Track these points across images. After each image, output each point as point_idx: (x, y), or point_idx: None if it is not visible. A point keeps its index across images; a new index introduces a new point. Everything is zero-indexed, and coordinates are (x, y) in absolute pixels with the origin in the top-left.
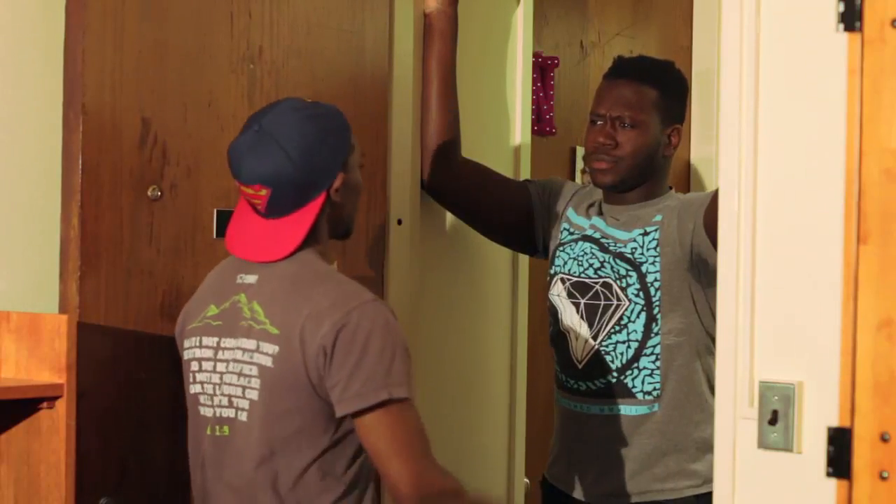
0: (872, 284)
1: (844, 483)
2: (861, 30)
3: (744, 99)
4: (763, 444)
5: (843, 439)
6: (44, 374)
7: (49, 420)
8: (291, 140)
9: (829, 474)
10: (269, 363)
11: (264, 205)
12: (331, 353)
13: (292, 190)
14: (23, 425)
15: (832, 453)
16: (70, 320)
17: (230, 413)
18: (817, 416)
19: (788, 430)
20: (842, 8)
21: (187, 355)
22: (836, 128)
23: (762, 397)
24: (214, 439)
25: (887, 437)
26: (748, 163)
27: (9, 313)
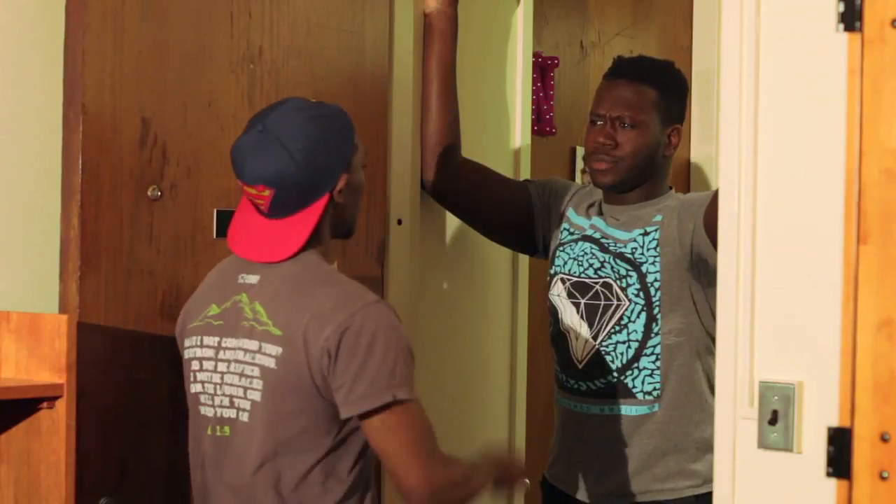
0: (872, 284)
1: (844, 483)
2: (861, 30)
3: (744, 99)
4: (763, 444)
5: (843, 439)
6: (44, 374)
7: (49, 420)
8: (295, 141)
9: (829, 474)
10: (271, 364)
11: (267, 205)
12: (335, 355)
13: (296, 191)
14: (23, 425)
15: (832, 453)
16: (70, 320)
17: (231, 413)
18: (817, 416)
19: (788, 430)
20: (842, 8)
21: (188, 354)
22: (836, 128)
23: (762, 397)
24: (215, 439)
25: (887, 437)
26: (748, 163)
27: (9, 313)
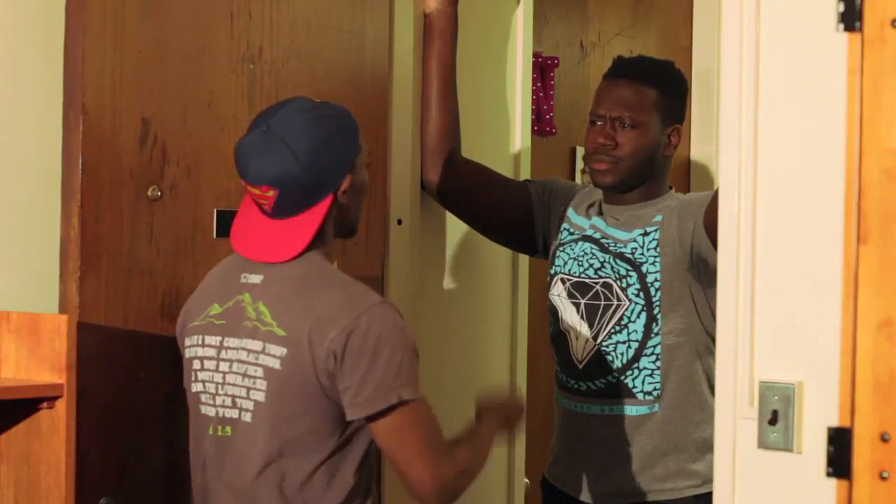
0: (872, 284)
1: (844, 483)
2: (861, 30)
3: (744, 99)
4: (763, 444)
5: (843, 439)
6: (44, 374)
7: (49, 420)
8: (300, 142)
9: (829, 474)
10: (276, 365)
11: (271, 205)
12: (341, 357)
13: (300, 192)
14: (23, 425)
15: (832, 453)
16: (70, 320)
17: (233, 414)
18: (817, 416)
19: (788, 430)
20: (842, 8)
21: (189, 353)
22: (836, 128)
23: (762, 397)
24: (216, 439)
25: (887, 437)
26: (748, 163)
27: (9, 313)
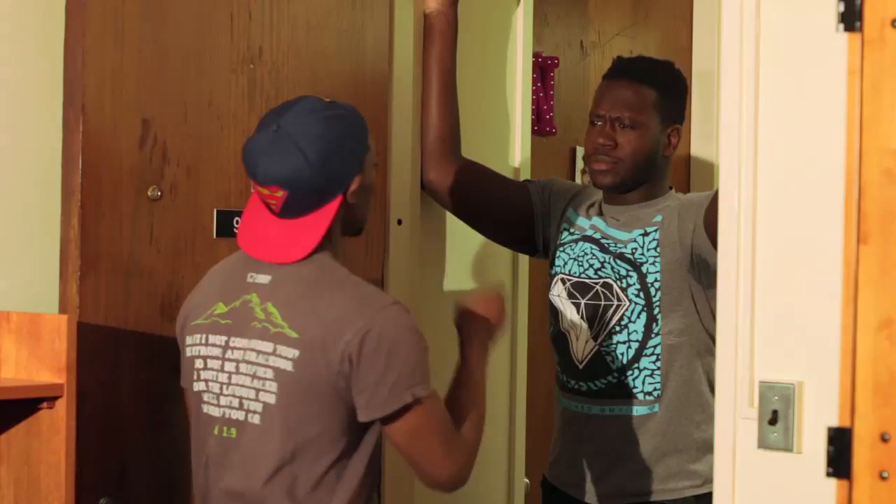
0: (872, 284)
1: (844, 483)
2: (861, 30)
3: (744, 99)
4: (763, 444)
5: (843, 439)
6: (44, 374)
7: (49, 420)
8: (311, 142)
9: (829, 474)
10: (288, 367)
11: (279, 206)
12: (357, 360)
13: (309, 193)
14: (23, 425)
15: (832, 453)
16: (70, 320)
17: (239, 415)
18: (817, 416)
19: (788, 430)
20: (842, 8)
21: (190, 352)
22: (836, 128)
23: (762, 397)
24: (221, 440)
25: (887, 437)
26: (748, 163)
27: (9, 313)
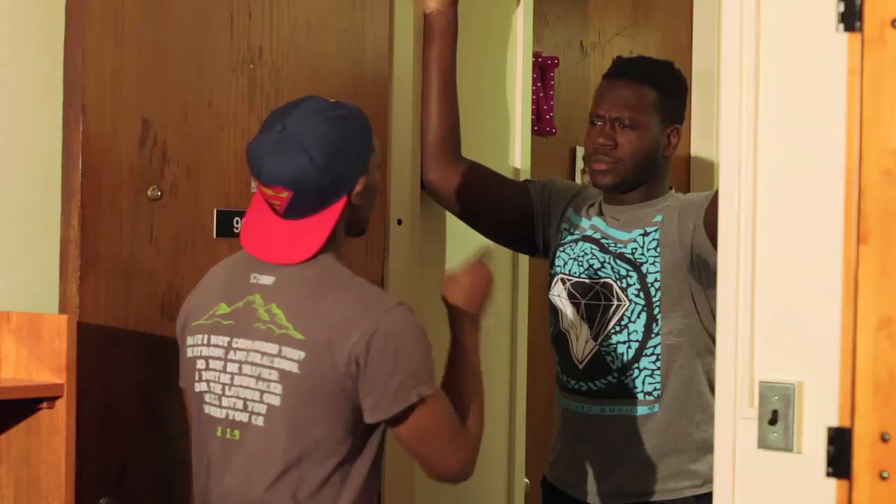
0: (872, 284)
1: (844, 483)
2: (861, 30)
3: (744, 99)
4: (763, 444)
5: (843, 439)
6: (44, 374)
7: (49, 420)
8: (316, 143)
9: (829, 474)
10: (293, 369)
11: (284, 206)
12: (364, 362)
13: (314, 194)
14: (23, 425)
15: (832, 453)
16: (70, 320)
17: (243, 417)
18: (817, 416)
19: (788, 430)
20: (842, 8)
21: (192, 353)
22: (836, 128)
23: (762, 397)
24: (224, 442)
25: (887, 437)
26: (748, 163)
27: (9, 313)
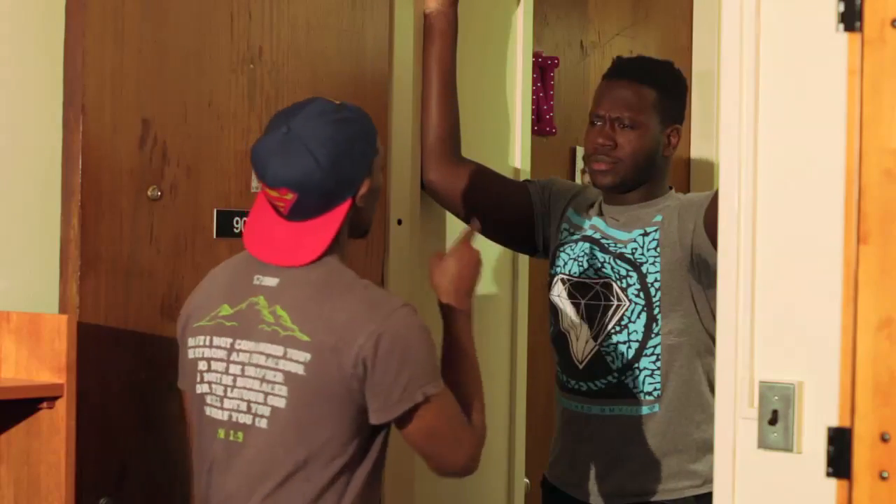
0: (872, 284)
1: (844, 483)
2: (861, 30)
3: (744, 99)
4: (763, 444)
5: (843, 439)
6: (44, 374)
7: (49, 420)
8: (321, 145)
9: (829, 474)
10: (299, 371)
11: (288, 208)
12: (372, 363)
13: (319, 196)
14: (23, 425)
15: (832, 453)
16: (70, 320)
17: (247, 419)
18: (817, 416)
19: (788, 430)
20: (842, 8)
21: (193, 354)
22: (836, 128)
23: (762, 397)
24: (227, 444)
25: (887, 437)
26: (748, 163)
27: (9, 313)
